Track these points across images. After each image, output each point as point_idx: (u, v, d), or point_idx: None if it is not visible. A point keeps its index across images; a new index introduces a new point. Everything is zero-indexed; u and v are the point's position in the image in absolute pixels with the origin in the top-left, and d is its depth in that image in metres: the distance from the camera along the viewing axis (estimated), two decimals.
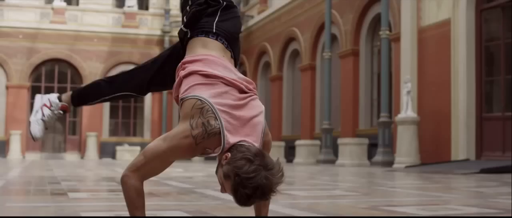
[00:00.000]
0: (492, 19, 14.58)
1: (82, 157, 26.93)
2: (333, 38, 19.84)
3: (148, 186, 6.70)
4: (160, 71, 2.86)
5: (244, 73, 27.79)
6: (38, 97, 3.10)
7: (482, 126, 14.18)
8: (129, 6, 28.50)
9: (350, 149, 17.08)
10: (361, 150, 17.09)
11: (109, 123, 28.27)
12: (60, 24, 27.68)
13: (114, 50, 27.77)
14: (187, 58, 2.62)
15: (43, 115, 3.01)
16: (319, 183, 8.02)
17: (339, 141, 17.78)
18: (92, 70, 27.50)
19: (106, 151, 27.29)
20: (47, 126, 3.04)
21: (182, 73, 2.56)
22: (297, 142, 20.73)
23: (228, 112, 2.41)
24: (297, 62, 23.72)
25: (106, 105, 27.91)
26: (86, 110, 27.27)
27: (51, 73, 28.16)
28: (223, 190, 2.37)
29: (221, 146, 2.35)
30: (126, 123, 28.75)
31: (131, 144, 27.50)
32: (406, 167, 13.53)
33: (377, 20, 18.27)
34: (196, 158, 26.71)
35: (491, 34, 14.60)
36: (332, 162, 18.02)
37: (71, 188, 6.18)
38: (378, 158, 15.45)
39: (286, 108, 24.71)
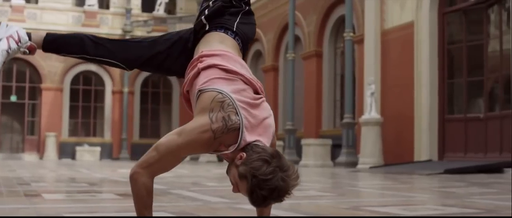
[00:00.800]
0: (454, 22, 14.83)
1: (41, 158, 26.49)
2: (297, 39, 19.92)
3: (119, 186, 6.66)
4: (159, 55, 2.75)
5: None
6: (3, 25, 2.82)
7: (444, 127, 14.41)
8: (89, 5, 28.17)
9: (314, 150, 17.15)
10: (324, 150, 17.18)
11: (69, 123, 27.86)
12: (18, 22, 27.18)
13: None
14: (205, 51, 2.57)
15: (9, 47, 2.76)
16: None
17: (303, 141, 17.85)
18: (51, 69, 27.08)
19: (66, 151, 26.89)
20: (6, 59, 2.79)
21: (201, 65, 2.51)
22: None
23: (247, 109, 2.38)
24: (260, 63, 23.78)
25: (66, 105, 27.52)
26: (45, 109, 26.86)
27: (9, 72, 27.64)
28: (235, 190, 2.34)
29: (237, 143, 2.32)
30: (86, 123, 28.39)
31: (91, 144, 27.16)
32: (370, 167, 13.65)
33: (340, 21, 18.43)
34: None
35: (453, 37, 14.86)
36: (296, 162, 18.06)
37: (43, 189, 6.08)
38: (342, 158, 15.56)
39: None
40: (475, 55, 14.16)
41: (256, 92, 2.51)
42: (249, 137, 2.33)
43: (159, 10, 28.78)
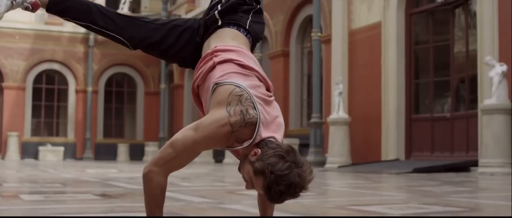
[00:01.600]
0: (421, 23, 15.02)
1: (2, 158, 26.01)
2: (263, 39, 19.95)
3: (94, 187, 6.59)
4: (166, 42, 2.69)
5: (170, 73, 27.66)
6: None
7: (411, 127, 14.58)
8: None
9: None
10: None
11: (31, 123, 27.41)
12: None
13: (37, 47, 26.97)
14: (219, 46, 2.54)
15: None
16: None
17: None
18: (13, 68, 26.62)
19: (28, 151, 26.45)
20: (9, 10, 2.65)
21: (216, 59, 2.48)
22: None
23: (263, 105, 2.36)
24: None
25: (28, 104, 27.08)
26: (6, 108, 26.40)
27: None
28: (249, 186, 2.31)
29: (252, 139, 2.30)
30: (49, 123, 27.97)
31: (54, 144, 26.77)
32: (339, 167, 13.75)
33: (307, 21, 18.51)
34: (121, 158, 26.34)
35: (420, 38, 15.04)
36: None
37: (18, 190, 5.98)
38: (309, 158, 15.60)
39: None
40: (441, 56, 14.36)
41: (268, 90, 2.50)
42: (264, 133, 2.31)
43: (124, 9, 28.51)
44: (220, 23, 2.64)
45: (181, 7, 27.46)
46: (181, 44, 2.69)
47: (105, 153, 26.96)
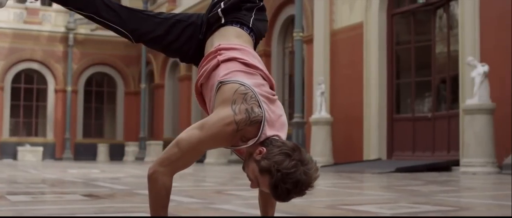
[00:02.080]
0: (403, 23, 15.11)
1: None
2: None
3: (79, 187, 6.54)
4: (169, 36, 2.67)
5: (151, 73, 27.54)
6: None
7: (393, 127, 14.67)
8: (31, 2, 27.48)
9: None
10: None
11: (10, 122, 27.10)
12: None
13: (15, 46, 26.68)
14: (223, 44, 2.53)
15: None
16: (248, 182, 8.03)
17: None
18: None
19: (7, 151, 26.17)
20: None
21: (221, 58, 2.47)
22: None
23: (267, 104, 2.36)
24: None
25: (7, 104, 26.79)
26: None
27: None
28: (254, 185, 2.31)
29: (257, 137, 2.29)
30: (27, 123, 27.70)
31: (33, 144, 26.52)
32: (321, 166, 13.76)
33: (289, 21, 18.52)
34: (101, 158, 26.17)
35: (402, 38, 15.14)
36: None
37: (4, 191, 5.91)
38: None
39: (195, 108, 24.60)
40: (422, 56, 14.46)
41: (271, 88, 2.50)
42: (269, 131, 2.31)
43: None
44: (223, 21, 2.63)
45: (162, 6, 27.35)
46: (184, 39, 2.68)
47: (85, 153, 26.78)
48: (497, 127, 11.00)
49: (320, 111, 14.91)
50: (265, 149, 2.25)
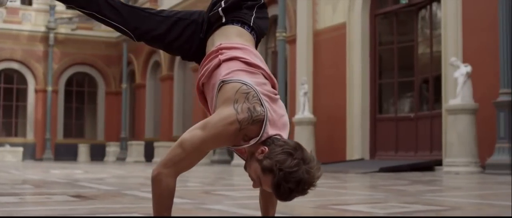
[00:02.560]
0: (385, 24, 15.19)
1: None
2: None
3: (66, 188, 6.48)
4: (171, 35, 2.67)
5: (132, 73, 27.42)
6: None
7: (376, 126, 14.74)
8: (11, 1, 27.17)
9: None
10: None
11: None
12: None
13: None
14: (224, 44, 2.52)
15: None
16: (236, 183, 8.04)
17: None
18: None
19: None
20: None
21: (222, 57, 2.46)
22: None
23: (269, 103, 2.35)
24: (189, 62, 23.61)
25: None
26: None
27: None
28: (257, 185, 2.30)
29: (258, 136, 2.28)
30: (7, 123, 27.44)
31: (12, 145, 26.27)
32: None
33: (272, 21, 18.50)
34: (82, 158, 26.01)
35: (384, 38, 15.21)
36: (227, 162, 18.09)
37: None
38: None
39: (177, 108, 24.56)
40: (405, 57, 14.55)
41: (273, 87, 2.50)
42: (271, 130, 2.30)
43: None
44: (224, 20, 2.62)
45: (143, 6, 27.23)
46: (185, 37, 2.67)
47: (66, 154, 26.60)
48: (480, 127, 11.09)
49: (303, 111, 14.94)
50: (267, 148, 2.25)
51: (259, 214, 3.93)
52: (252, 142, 2.30)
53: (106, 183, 7.54)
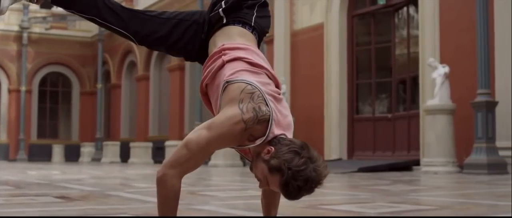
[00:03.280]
0: (363, 25, 15.27)
1: None
2: None
3: (48, 189, 6.41)
4: (172, 36, 2.66)
5: (107, 73, 27.23)
6: None
7: (353, 127, 14.81)
8: None
9: (223, 150, 17.01)
10: (233, 150, 17.17)
11: None
12: None
13: None
14: (227, 44, 2.51)
15: None
16: (218, 183, 8.01)
17: None
18: None
19: None
20: (13, 3, 2.62)
21: (225, 58, 2.45)
22: (167, 143, 20.54)
23: (274, 102, 2.35)
24: (165, 62, 23.55)
25: None
26: None
27: None
28: (263, 185, 2.29)
29: (265, 136, 2.27)
30: None
31: None
32: None
33: None
34: (56, 159, 25.75)
35: (362, 39, 15.29)
36: (205, 163, 18.02)
37: None
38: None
39: (153, 109, 24.44)
40: (382, 57, 14.64)
41: (277, 87, 2.49)
42: (276, 130, 2.30)
43: (58, 7, 27.90)
44: (225, 21, 2.60)
45: None
46: (187, 38, 2.66)
47: (39, 154, 26.33)
48: (457, 127, 11.20)
49: None
50: (273, 148, 2.24)
51: (255, 214, 3.94)
52: (258, 141, 2.29)
53: (87, 184, 7.48)
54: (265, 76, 2.46)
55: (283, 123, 2.36)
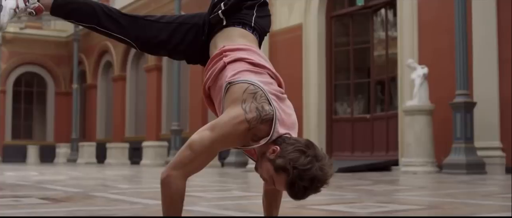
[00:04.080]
0: (341, 26, 15.33)
1: None
2: None
3: (31, 190, 6.33)
4: (173, 40, 2.65)
5: (83, 73, 27.02)
6: None
7: (332, 127, 14.86)
8: None
9: None
10: None
11: None
12: None
13: None
14: (228, 46, 2.50)
15: (17, 6, 2.61)
16: (200, 184, 7.98)
17: None
18: None
19: None
20: (12, 18, 2.64)
21: (226, 59, 2.44)
22: (144, 144, 20.45)
23: (277, 102, 2.34)
24: (142, 62, 23.43)
25: None
26: None
27: None
28: (270, 185, 2.28)
29: (269, 136, 2.26)
30: None
31: None
32: None
33: None
34: (31, 160, 25.49)
35: (340, 40, 15.34)
36: None
37: None
38: (231, 158, 15.64)
39: (129, 109, 24.31)
40: (361, 58, 14.71)
41: (279, 86, 2.49)
42: (281, 129, 2.29)
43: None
44: (224, 22, 2.60)
45: None
46: (188, 41, 2.66)
47: (14, 155, 26.02)
48: (436, 128, 11.30)
49: None
50: (278, 147, 2.23)
51: (248, 214, 3.94)
52: (263, 141, 2.27)
53: (68, 185, 7.40)
54: (267, 75, 2.45)
55: (288, 121, 2.35)
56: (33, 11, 2.63)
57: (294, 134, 2.35)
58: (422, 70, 11.35)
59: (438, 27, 12.00)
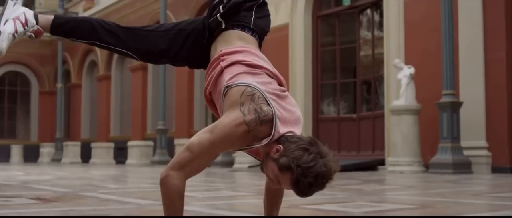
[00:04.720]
0: (328, 25, 15.36)
1: None
2: None
3: (20, 190, 6.28)
4: (173, 48, 2.66)
5: (67, 72, 26.87)
6: (10, 4, 2.66)
7: (318, 127, 14.89)
8: None
9: None
10: None
11: None
12: None
13: None
14: (225, 50, 2.51)
15: (16, 30, 2.61)
16: (189, 184, 7.95)
17: (176, 141, 17.75)
18: None
19: None
20: (11, 42, 2.63)
21: (223, 63, 2.45)
22: (130, 143, 20.38)
23: (277, 101, 2.33)
24: (127, 62, 23.33)
25: None
26: None
27: None
28: (276, 184, 2.29)
29: (271, 136, 2.26)
30: None
31: None
32: (249, 166, 13.80)
33: None
34: (15, 159, 25.30)
35: (327, 40, 15.37)
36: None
37: None
38: (218, 158, 15.62)
39: (114, 109, 24.21)
40: (347, 58, 14.75)
41: (280, 85, 2.49)
42: (282, 128, 2.29)
43: (17, 3, 27.38)
44: (223, 26, 2.61)
45: (79, 5, 26.73)
46: (188, 47, 2.67)
47: None
48: (423, 127, 11.35)
49: None
50: (281, 147, 2.24)
51: (243, 214, 3.93)
52: (265, 141, 2.28)
53: (57, 185, 7.36)
54: (265, 75, 2.45)
55: (290, 119, 2.36)
56: (32, 34, 2.64)
57: (299, 130, 2.37)
58: (408, 70, 11.40)
59: (424, 27, 12.06)
